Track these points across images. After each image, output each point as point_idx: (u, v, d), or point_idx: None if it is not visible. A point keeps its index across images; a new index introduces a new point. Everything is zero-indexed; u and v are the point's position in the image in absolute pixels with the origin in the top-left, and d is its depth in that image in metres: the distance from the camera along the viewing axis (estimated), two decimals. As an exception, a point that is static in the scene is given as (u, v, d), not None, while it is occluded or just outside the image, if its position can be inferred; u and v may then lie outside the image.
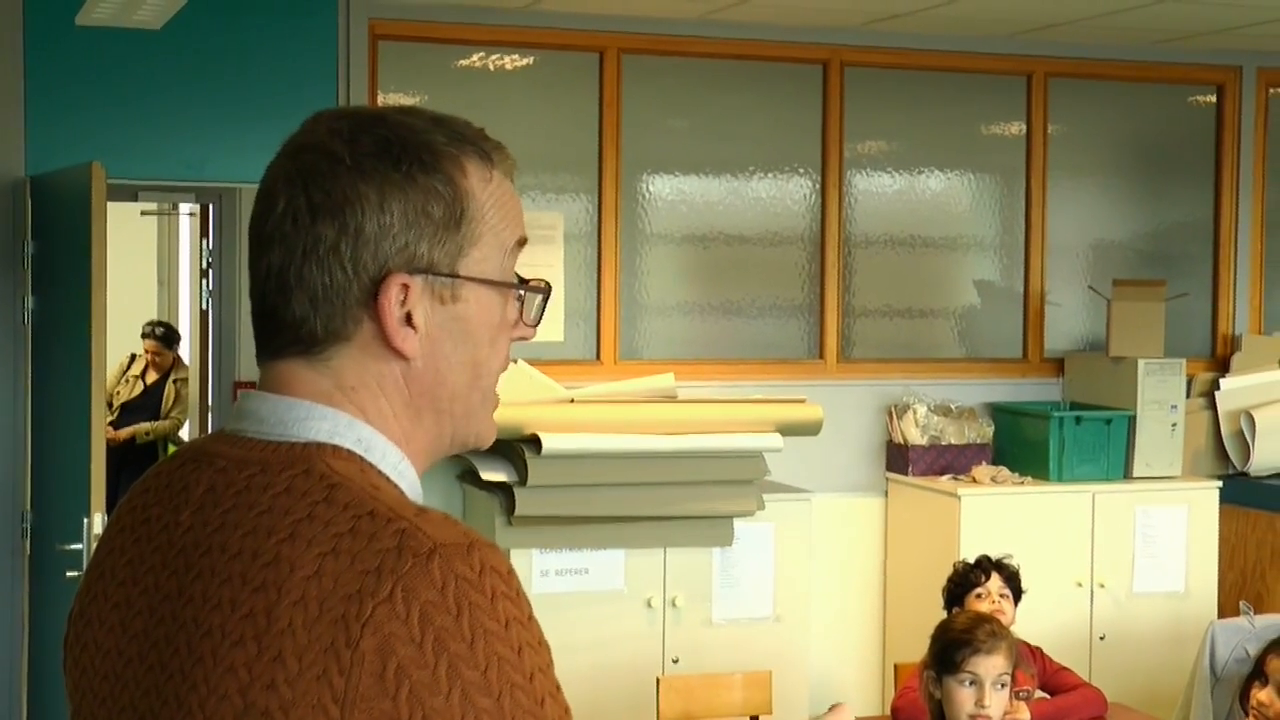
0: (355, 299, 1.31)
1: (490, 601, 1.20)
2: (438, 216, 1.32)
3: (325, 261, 1.30)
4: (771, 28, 6.12)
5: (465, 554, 1.21)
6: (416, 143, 1.33)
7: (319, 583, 1.20)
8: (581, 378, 5.92)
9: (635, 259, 6.14)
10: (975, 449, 6.23)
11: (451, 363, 1.35)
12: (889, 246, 6.48)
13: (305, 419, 1.32)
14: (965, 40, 6.38)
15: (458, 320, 1.34)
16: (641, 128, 6.11)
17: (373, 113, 1.37)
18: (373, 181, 1.31)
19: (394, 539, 1.21)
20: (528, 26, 5.89)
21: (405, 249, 1.31)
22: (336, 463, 1.29)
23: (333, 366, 1.33)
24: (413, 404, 1.35)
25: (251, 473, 1.30)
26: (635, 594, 5.43)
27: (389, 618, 1.18)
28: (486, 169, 1.37)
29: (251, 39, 5.52)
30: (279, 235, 1.32)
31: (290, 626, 1.20)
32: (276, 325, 1.34)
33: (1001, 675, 3.62)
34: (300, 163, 1.33)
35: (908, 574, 6.18)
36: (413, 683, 1.17)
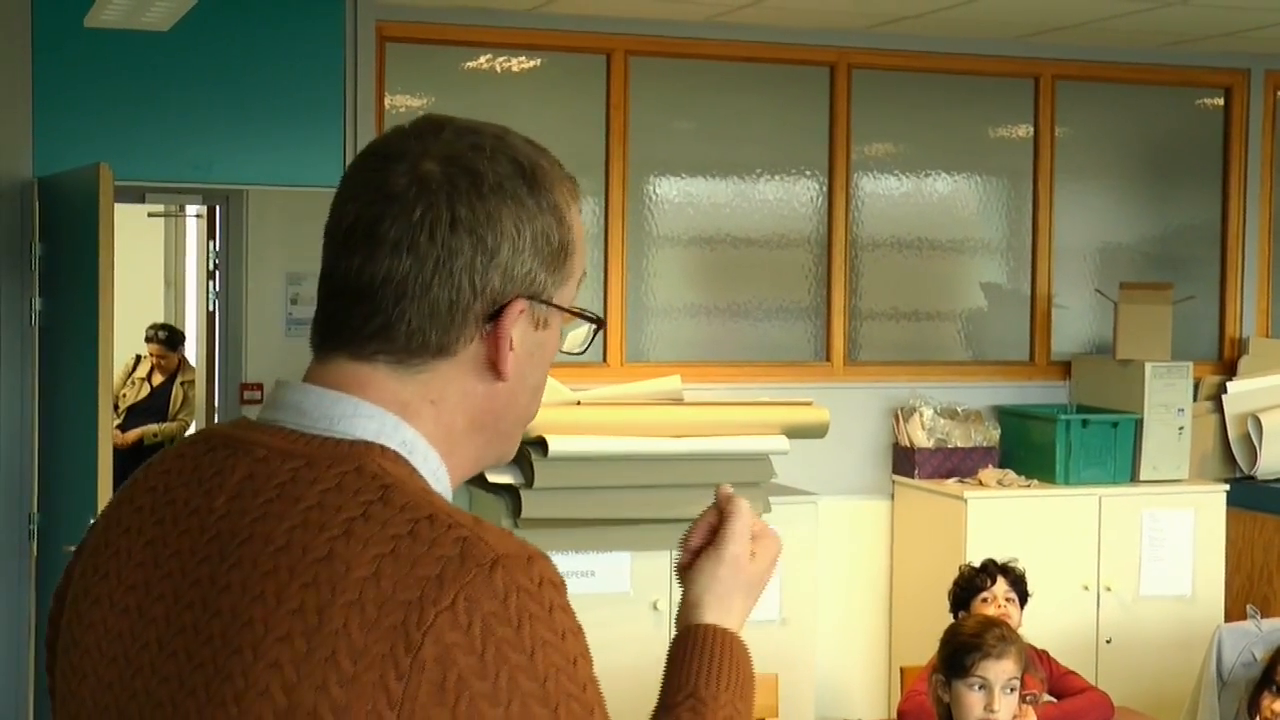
0: (476, 316, 1.31)
1: (548, 613, 1.20)
2: (555, 245, 1.34)
3: (456, 276, 1.30)
4: (779, 30, 6.12)
5: (526, 566, 1.21)
6: (541, 171, 1.34)
7: (377, 585, 1.19)
8: (588, 380, 5.92)
9: (642, 261, 6.14)
10: (982, 452, 6.23)
11: (526, 385, 1.36)
12: (896, 249, 6.47)
13: (352, 416, 1.30)
14: (972, 43, 6.37)
15: (541, 346, 1.36)
16: (648, 130, 6.11)
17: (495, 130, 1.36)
18: (511, 205, 1.31)
19: (455, 546, 1.20)
20: (535, 28, 5.89)
21: (529, 274, 1.32)
22: (386, 463, 1.28)
23: (426, 379, 1.32)
24: (478, 421, 1.35)
25: (296, 465, 1.28)
26: (641, 596, 5.43)
27: (451, 626, 1.17)
28: (576, 202, 1.39)
29: (259, 41, 5.53)
30: (409, 242, 1.30)
31: (345, 627, 1.18)
32: (377, 329, 1.31)
33: (1011, 680, 3.61)
34: (436, 171, 1.31)
35: (914, 577, 6.17)
36: (472, 693, 1.16)
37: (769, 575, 1.56)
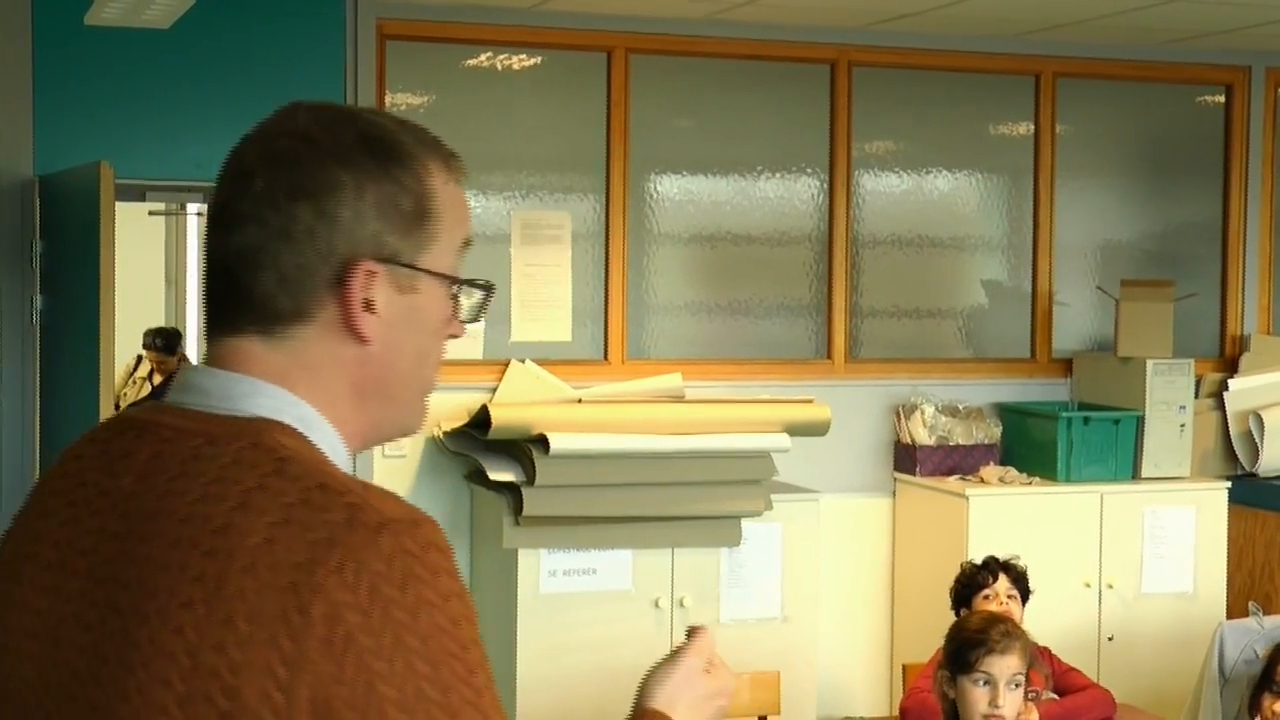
0: (324, 281, 1.37)
1: (433, 576, 1.26)
2: (407, 210, 1.39)
3: (299, 243, 1.36)
4: (779, 27, 6.12)
5: (412, 530, 1.27)
6: (390, 140, 1.40)
7: (270, 550, 1.25)
8: (589, 378, 5.92)
9: (643, 259, 6.14)
10: (983, 449, 6.23)
11: (403, 350, 1.41)
12: (897, 246, 6.47)
13: (250, 394, 1.37)
14: (973, 40, 6.37)
15: (413, 310, 1.41)
16: (649, 127, 6.11)
17: (355, 110, 1.44)
18: (351, 170, 1.37)
19: (344, 512, 1.26)
20: (535, 26, 5.89)
21: (375, 237, 1.37)
22: (283, 438, 1.34)
23: (292, 346, 1.38)
24: (361, 387, 1.41)
25: (198, 443, 1.34)
26: (643, 594, 5.43)
27: (339, 587, 1.23)
28: (446, 171, 1.44)
29: (259, 39, 5.52)
30: (254, 215, 1.37)
31: (241, 592, 1.24)
32: (239, 301, 1.38)
33: (1015, 675, 3.61)
34: (280, 146, 1.39)
35: (915, 575, 6.17)
36: (359, 649, 1.22)
37: (720, 702, 1.70)
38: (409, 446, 5.75)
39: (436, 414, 5.73)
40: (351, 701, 1.22)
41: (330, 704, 1.22)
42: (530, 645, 5.28)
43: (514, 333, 5.93)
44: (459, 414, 5.69)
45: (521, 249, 5.96)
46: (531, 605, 5.29)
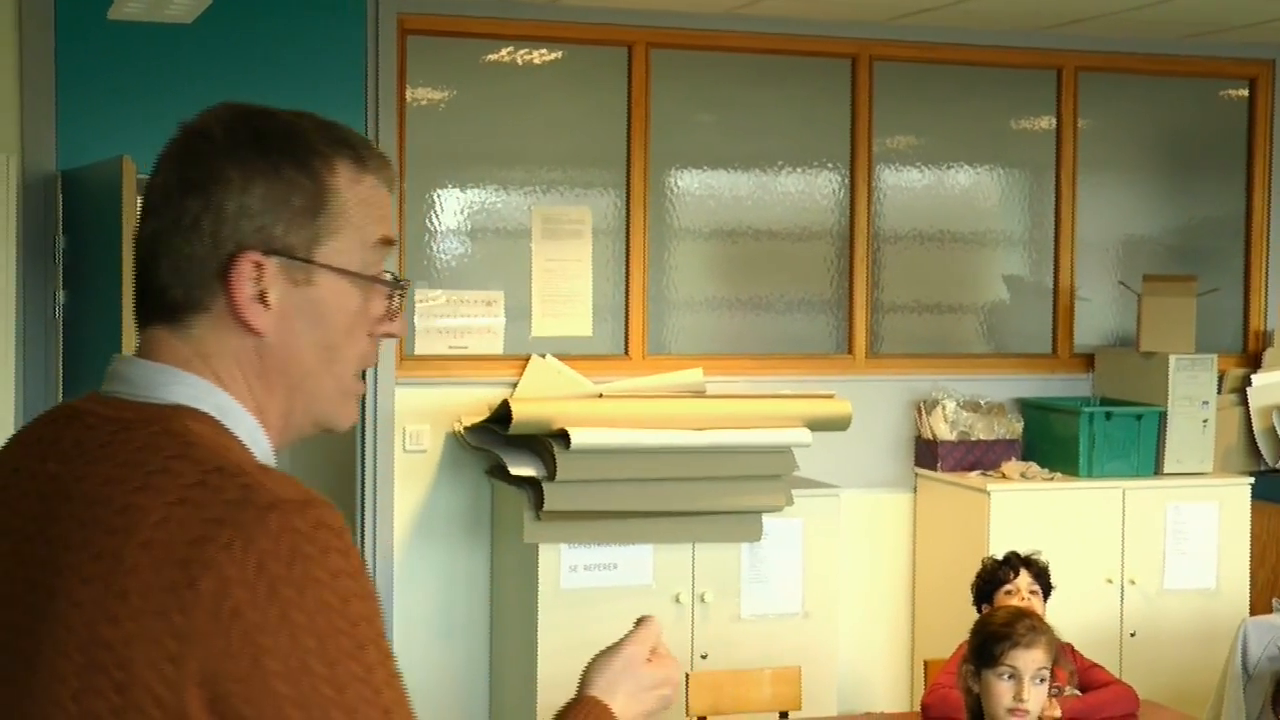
0: (212, 271, 1.43)
1: (322, 554, 1.31)
2: (297, 205, 1.44)
3: (189, 234, 1.43)
4: (800, 22, 6.11)
5: (302, 509, 1.32)
6: (291, 137, 1.46)
7: (165, 529, 1.31)
8: (609, 373, 5.92)
9: (663, 254, 6.13)
10: (1004, 445, 6.21)
11: (303, 343, 1.46)
12: (918, 242, 6.46)
13: (170, 384, 1.44)
14: (994, 34, 6.35)
15: (311, 303, 1.45)
16: (670, 122, 6.10)
17: (261, 109, 1.49)
18: (239, 165, 1.43)
19: (238, 492, 1.32)
20: (556, 21, 5.88)
21: (261, 230, 1.43)
22: (193, 424, 1.40)
23: (193, 335, 1.45)
24: (264, 377, 1.46)
25: (115, 429, 1.41)
26: (664, 589, 5.42)
27: (227, 562, 1.28)
28: (357, 171, 1.48)
29: (281, 33, 5.53)
30: (155, 207, 1.46)
31: (135, 567, 1.30)
32: (147, 292, 1.46)
33: (1041, 670, 3.60)
34: (182, 144, 1.47)
35: (936, 570, 6.16)
36: (246, 623, 1.27)
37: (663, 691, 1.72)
38: (429, 442, 5.75)
39: (457, 409, 5.74)
40: (238, 674, 1.27)
41: (218, 676, 1.28)
42: (550, 640, 5.28)
43: (535, 328, 5.93)
44: (480, 409, 5.69)
45: (542, 244, 5.95)
46: (552, 600, 5.29)
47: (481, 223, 5.93)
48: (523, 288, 5.93)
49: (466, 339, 5.85)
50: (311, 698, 1.29)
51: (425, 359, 5.80)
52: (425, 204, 5.85)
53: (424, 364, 5.79)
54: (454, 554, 5.80)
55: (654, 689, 1.71)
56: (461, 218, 5.91)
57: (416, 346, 5.80)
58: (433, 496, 5.78)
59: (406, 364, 5.76)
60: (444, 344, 5.83)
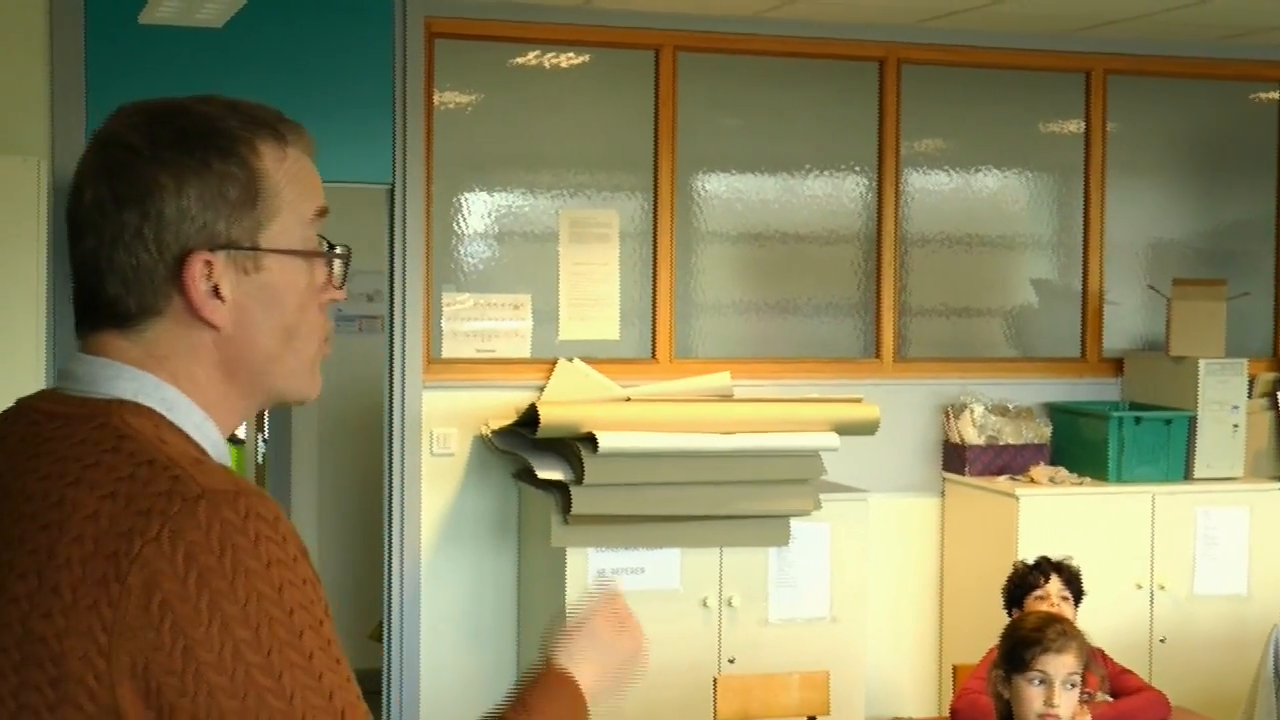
0: (163, 277, 1.43)
1: (253, 544, 1.31)
2: (233, 197, 1.44)
3: (132, 246, 1.43)
4: (827, 25, 6.09)
5: (232, 500, 1.32)
6: (211, 129, 1.45)
7: (96, 522, 1.32)
8: (636, 376, 5.91)
9: (690, 257, 6.12)
10: (1033, 449, 6.18)
11: (262, 329, 1.47)
12: (945, 245, 6.43)
13: (114, 378, 1.44)
14: (1023, 37, 6.33)
15: (264, 289, 1.46)
16: (697, 126, 6.09)
17: (172, 104, 1.49)
18: (170, 170, 1.43)
19: (167, 484, 1.33)
20: (583, 24, 5.88)
21: (204, 229, 1.43)
22: (132, 418, 1.40)
23: (146, 338, 1.45)
24: (225, 368, 1.47)
25: (58, 425, 1.42)
26: (691, 593, 5.42)
27: (156, 555, 1.29)
28: (280, 148, 1.48)
29: (309, 37, 5.54)
30: (89, 224, 1.44)
31: (68, 561, 1.31)
32: (93, 303, 1.46)
33: (1072, 675, 3.58)
34: (104, 155, 1.46)
35: (965, 575, 6.14)
36: (175, 615, 1.28)
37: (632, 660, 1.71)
38: (456, 445, 5.75)
39: (484, 412, 5.74)
40: (170, 666, 1.28)
41: (149, 669, 1.28)
42: (578, 644, 5.26)
43: (562, 331, 5.93)
44: (507, 412, 5.69)
45: (569, 247, 5.95)
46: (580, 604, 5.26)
47: (509, 226, 5.93)
48: (550, 291, 5.93)
49: (494, 342, 5.85)
50: (246, 687, 1.29)
51: (452, 362, 5.80)
52: (453, 207, 5.85)
53: (451, 367, 5.79)
54: (481, 557, 5.80)
55: (622, 658, 1.69)
56: (489, 221, 5.91)
57: (444, 350, 5.80)
58: (460, 500, 5.77)
59: (434, 367, 5.76)
60: (471, 347, 5.83)
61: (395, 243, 5.69)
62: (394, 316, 5.71)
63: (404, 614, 5.70)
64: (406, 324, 5.69)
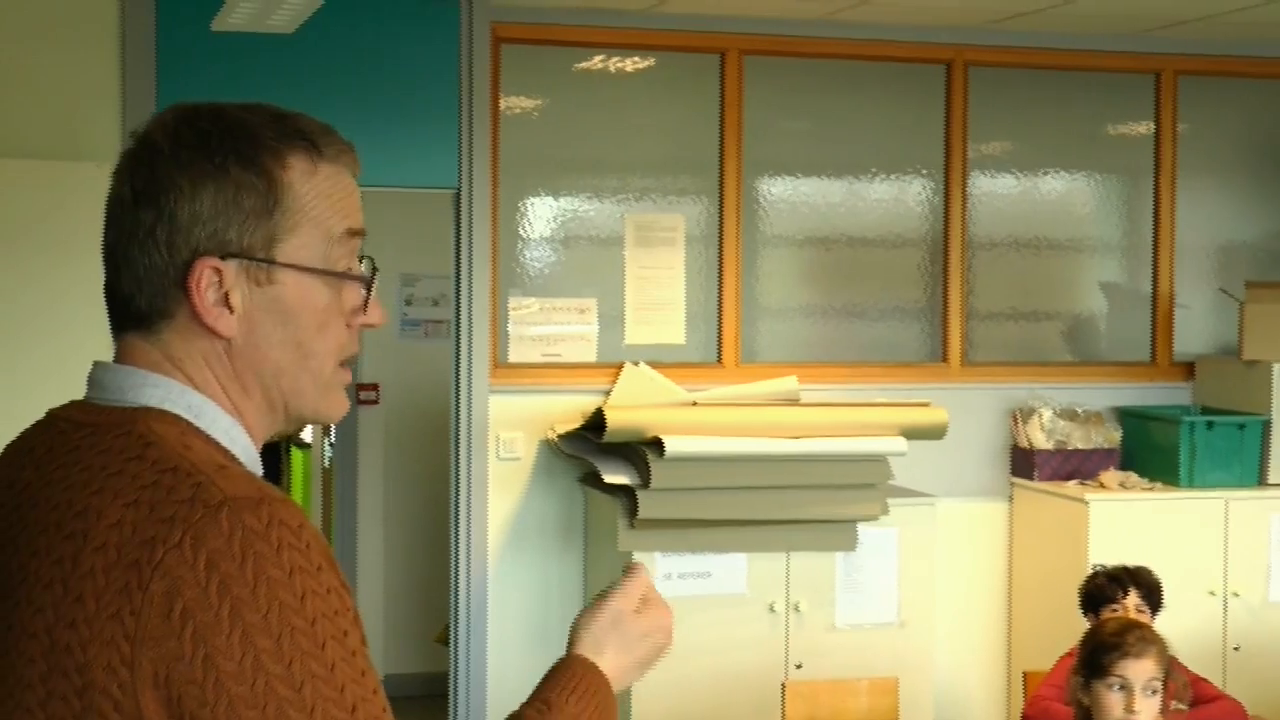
0: (172, 280, 1.42)
1: (276, 551, 1.29)
2: (249, 206, 1.42)
3: (145, 244, 1.42)
4: (894, 28, 6.06)
5: (254, 507, 1.30)
6: (239, 136, 1.43)
7: (119, 530, 1.31)
8: (702, 380, 5.90)
9: (756, 261, 6.10)
10: (1102, 454, 6.12)
11: (272, 342, 1.44)
12: (1013, 248, 6.38)
13: (140, 386, 1.43)
14: (1092, 39, 6.27)
15: (276, 303, 1.44)
16: (762, 129, 6.07)
17: (211, 107, 1.48)
18: (186, 171, 1.41)
19: (189, 491, 1.31)
20: (649, 28, 5.88)
21: (215, 235, 1.41)
22: (157, 425, 1.39)
23: (162, 340, 1.44)
24: (238, 379, 1.45)
25: (84, 434, 1.41)
26: (758, 598, 5.40)
27: (177, 563, 1.28)
28: (311, 162, 1.45)
29: (377, 42, 5.56)
30: (112, 218, 1.45)
31: (91, 570, 1.30)
32: (114, 301, 1.46)
33: (1152, 680, 3.54)
34: (132, 153, 1.46)
35: (1033, 581, 6.08)
36: (196, 624, 1.26)
37: (658, 641, 1.66)
38: (523, 450, 5.76)
39: (551, 416, 5.74)
40: (190, 676, 1.26)
41: (171, 678, 1.26)
42: (645, 648, 5.26)
43: (628, 335, 5.92)
44: (573, 416, 5.69)
45: (635, 251, 5.95)
46: (646, 608, 5.26)
47: (574, 230, 5.94)
48: (616, 295, 5.93)
49: (560, 346, 5.85)
50: (266, 697, 1.27)
51: (518, 367, 5.81)
52: (518, 212, 5.86)
53: (517, 372, 5.80)
54: (547, 562, 5.80)
55: (644, 637, 1.65)
56: (555, 225, 5.92)
57: (510, 354, 5.81)
58: (526, 504, 5.78)
59: (500, 372, 5.77)
60: (537, 352, 5.84)
61: (461, 247, 5.70)
62: (460, 321, 5.72)
63: (471, 618, 5.71)
64: (473, 328, 5.70)
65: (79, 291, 4.97)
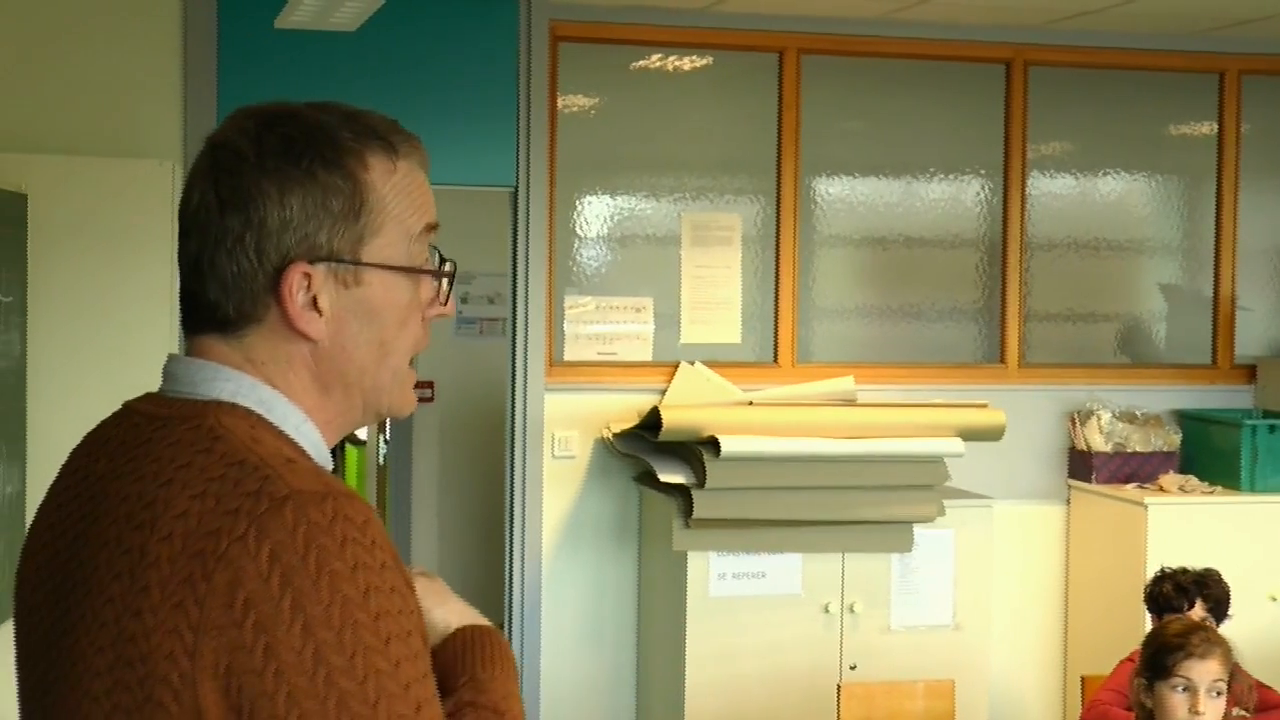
0: (262, 286, 1.43)
1: (340, 546, 1.30)
2: (337, 209, 1.43)
3: (233, 252, 1.42)
4: (954, 27, 6.03)
5: (319, 502, 1.31)
6: (320, 139, 1.44)
7: (185, 521, 1.32)
8: (758, 380, 5.88)
9: (812, 261, 6.08)
10: (1162, 457, 6.07)
11: (358, 342, 1.46)
12: (1072, 249, 6.34)
13: (212, 379, 1.44)
14: (1154, 38, 6.22)
15: (362, 303, 1.45)
16: (820, 129, 6.05)
17: (285, 109, 1.48)
18: (274, 178, 1.42)
19: (256, 484, 1.33)
20: (707, 27, 5.87)
21: (305, 240, 1.42)
22: (227, 418, 1.41)
23: (245, 343, 1.45)
24: (320, 380, 1.46)
25: (155, 426, 1.43)
26: (812, 599, 5.38)
27: (241, 554, 1.29)
28: (390, 161, 1.47)
29: (435, 40, 5.58)
30: (195, 226, 1.45)
31: (157, 560, 1.32)
32: (196, 306, 1.46)
33: (1217, 681, 3.51)
34: (214, 159, 1.45)
35: (1090, 584, 6.03)
36: (258, 614, 1.27)
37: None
38: (578, 448, 5.76)
39: (606, 415, 5.74)
40: (251, 666, 1.27)
41: (232, 667, 1.28)
42: (699, 648, 5.26)
43: (683, 334, 5.92)
44: (628, 415, 5.68)
45: (691, 250, 5.94)
46: (700, 608, 5.26)
47: (631, 229, 5.93)
48: (671, 294, 5.92)
49: (615, 345, 5.85)
50: (327, 688, 1.27)
51: (574, 365, 5.81)
52: (575, 210, 5.86)
53: (573, 370, 5.80)
54: (602, 561, 5.80)
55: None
56: (611, 224, 5.92)
57: (565, 353, 5.81)
58: (581, 503, 5.78)
59: (555, 370, 5.77)
60: (593, 350, 5.84)
61: (518, 245, 5.71)
62: (516, 319, 5.73)
63: (525, 616, 5.71)
64: (529, 326, 5.70)
65: (141, 286, 5.01)
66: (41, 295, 4.88)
